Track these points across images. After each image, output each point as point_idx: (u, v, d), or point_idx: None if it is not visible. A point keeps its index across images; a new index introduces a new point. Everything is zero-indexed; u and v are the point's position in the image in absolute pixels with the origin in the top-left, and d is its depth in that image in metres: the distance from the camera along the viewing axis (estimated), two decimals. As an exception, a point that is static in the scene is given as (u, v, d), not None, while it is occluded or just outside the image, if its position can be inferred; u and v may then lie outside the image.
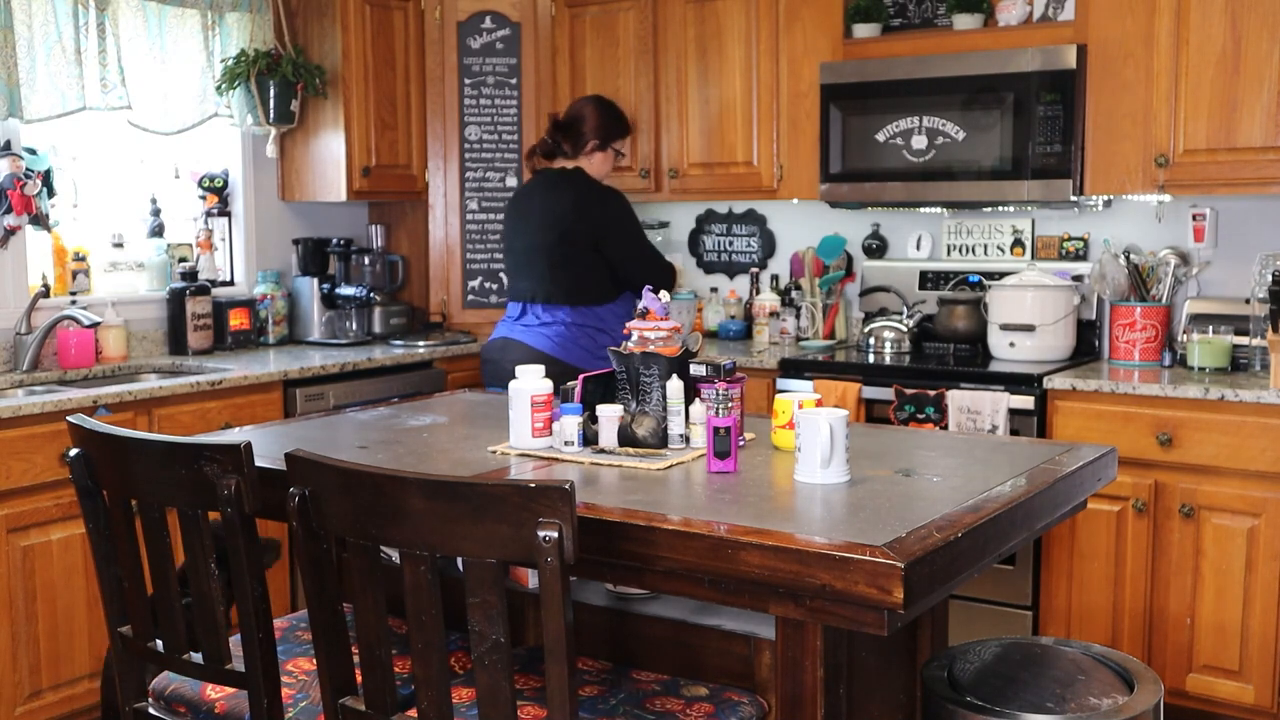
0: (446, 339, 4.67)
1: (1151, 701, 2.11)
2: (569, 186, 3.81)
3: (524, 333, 3.83)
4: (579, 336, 3.78)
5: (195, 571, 2.10)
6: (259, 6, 4.48)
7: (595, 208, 3.79)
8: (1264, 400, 3.26)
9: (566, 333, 3.77)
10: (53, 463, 3.29)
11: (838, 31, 4.22)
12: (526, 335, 3.81)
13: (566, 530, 1.64)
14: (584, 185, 3.81)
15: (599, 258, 3.78)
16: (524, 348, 3.75)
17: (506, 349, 3.80)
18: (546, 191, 3.84)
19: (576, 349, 3.78)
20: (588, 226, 3.75)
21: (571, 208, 3.77)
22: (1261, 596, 3.31)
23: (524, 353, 3.70)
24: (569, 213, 3.77)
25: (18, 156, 3.87)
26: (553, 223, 3.77)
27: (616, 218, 3.81)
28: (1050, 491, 2.17)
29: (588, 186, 3.81)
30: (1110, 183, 3.77)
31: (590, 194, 3.80)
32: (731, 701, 2.07)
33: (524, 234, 3.85)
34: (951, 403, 3.65)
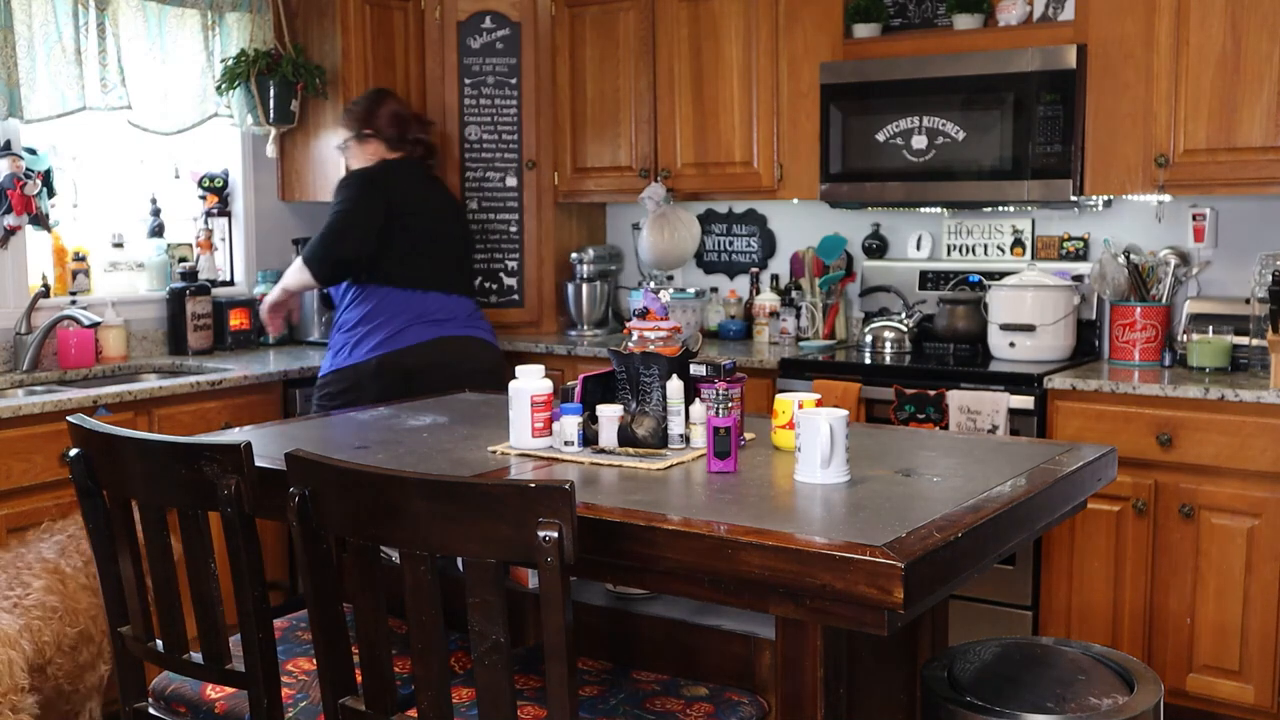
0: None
1: (1151, 701, 2.11)
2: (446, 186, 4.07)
3: (480, 329, 3.78)
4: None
5: (195, 571, 2.10)
6: (259, 6, 4.48)
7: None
8: (1264, 400, 3.26)
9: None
10: (53, 463, 3.29)
11: (838, 31, 4.22)
12: (484, 333, 3.79)
13: (566, 530, 1.64)
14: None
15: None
16: (487, 348, 3.74)
17: (468, 350, 3.73)
18: (435, 184, 4.00)
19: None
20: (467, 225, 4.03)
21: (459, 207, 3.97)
22: (1261, 596, 3.31)
23: (491, 355, 3.70)
24: (461, 211, 3.98)
25: (18, 156, 3.87)
26: (455, 216, 3.94)
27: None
28: (1050, 491, 2.17)
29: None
30: (1110, 183, 3.77)
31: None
32: (731, 701, 2.07)
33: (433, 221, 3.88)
34: (951, 403, 3.65)
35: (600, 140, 4.78)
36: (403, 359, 3.67)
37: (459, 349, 3.72)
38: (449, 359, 3.67)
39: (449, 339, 3.73)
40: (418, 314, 3.73)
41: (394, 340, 3.70)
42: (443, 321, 3.75)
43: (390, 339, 3.69)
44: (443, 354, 3.70)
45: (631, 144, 4.71)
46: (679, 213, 4.63)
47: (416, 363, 3.67)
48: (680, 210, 4.65)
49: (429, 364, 3.66)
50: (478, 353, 3.76)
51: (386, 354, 3.67)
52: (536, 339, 4.75)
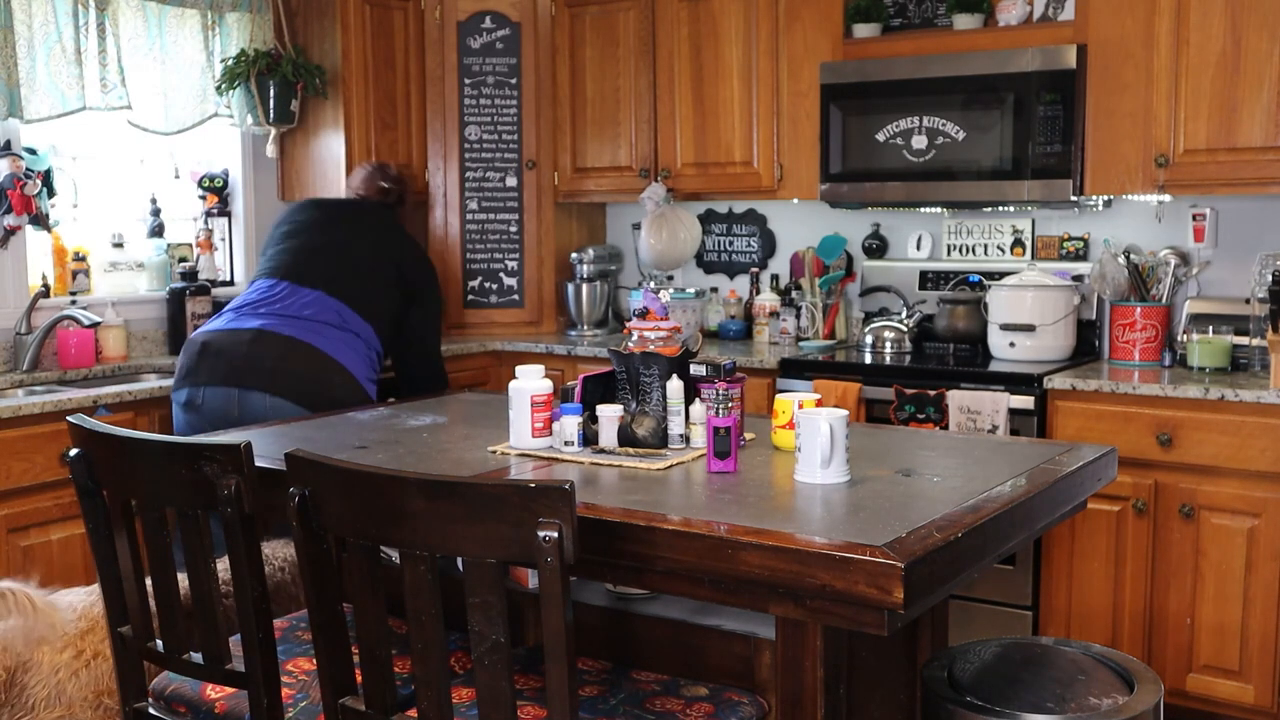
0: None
1: (1151, 701, 2.11)
2: (402, 231, 3.94)
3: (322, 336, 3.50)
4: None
5: (195, 571, 2.10)
6: (259, 6, 4.48)
7: (424, 263, 3.95)
8: (1264, 400, 3.26)
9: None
10: (53, 463, 3.29)
11: (838, 31, 4.22)
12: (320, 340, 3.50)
13: (566, 530, 1.64)
14: (411, 238, 3.96)
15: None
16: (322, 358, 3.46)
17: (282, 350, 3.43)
18: (376, 218, 3.92)
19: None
20: (416, 274, 3.87)
21: (411, 253, 3.89)
22: (1261, 596, 3.31)
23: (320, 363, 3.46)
24: (407, 256, 3.86)
25: (18, 156, 3.87)
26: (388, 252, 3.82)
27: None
28: (1050, 491, 2.17)
29: (414, 241, 3.97)
30: (1110, 183, 3.77)
31: (418, 247, 3.97)
32: (731, 701, 2.07)
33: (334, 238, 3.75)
34: (951, 403, 3.65)
35: (600, 140, 4.78)
36: (217, 339, 3.42)
37: (266, 345, 3.38)
38: (250, 350, 3.36)
39: (263, 332, 3.40)
40: (251, 301, 3.53)
41: (212, 321, 3.55)
42: (274, 316, 3.46)
43: (217, 318, 3.55)
44: (243, 343, 3.39)
45: (631, 144, 4.71)
46: (679, 213, 4.63)
47: (214, 345, 3.39)
48: (680, 210, 4.65)
49: (224, 349, 3.38)
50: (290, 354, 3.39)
51: (207, 333, 3.47)
52: (536, 339, 4.75)
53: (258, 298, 3.55)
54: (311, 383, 3.37)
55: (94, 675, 2.45)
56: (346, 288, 3.57)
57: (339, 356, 3.46)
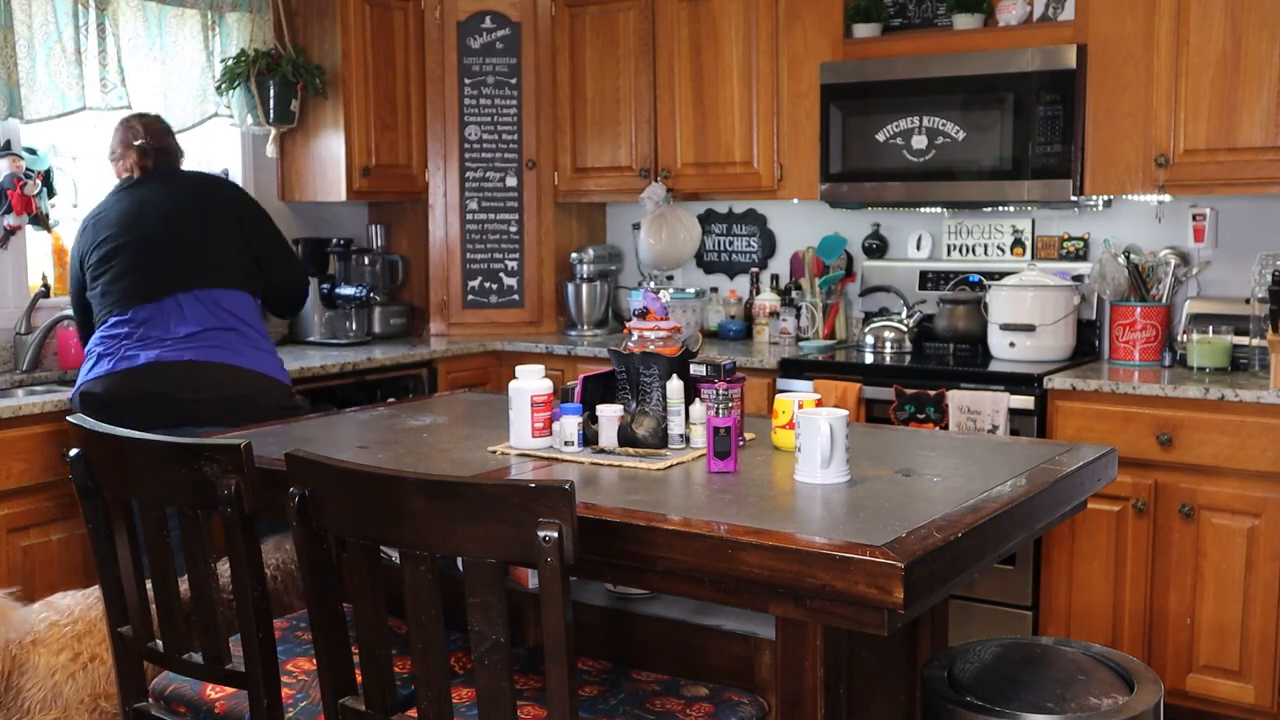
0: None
1: (1151, 701, 2.11)
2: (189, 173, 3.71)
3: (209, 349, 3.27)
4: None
5: (195, 571, 2.10)
6: (259, 6, 4.48)
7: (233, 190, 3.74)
8: (1264, 400, 3.26)
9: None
10: (53, 463, 3.29)
11: (838, 31, 4.22)
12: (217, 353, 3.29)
13: (566, 530, 1.64)
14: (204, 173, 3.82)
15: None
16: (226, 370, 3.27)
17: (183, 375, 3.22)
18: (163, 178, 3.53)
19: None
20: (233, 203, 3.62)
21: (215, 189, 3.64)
22: (1261, 596, 3.31)
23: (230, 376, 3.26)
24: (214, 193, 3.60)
25: (18, 156, 3.87)
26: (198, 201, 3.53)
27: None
28: (1050, 491, 2.17)
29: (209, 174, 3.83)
30: (1110, 183, 3.77)
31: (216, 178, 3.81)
32: (731, 701, 2.07)
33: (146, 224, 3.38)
34: (951, 403, 3.65)
35: (600, 140, 4.79)
36: (101, 387, 3.23)
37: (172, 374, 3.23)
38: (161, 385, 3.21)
39: (158, 365, 3.22)
40: (119, 335, 3.29)
41: (94, 367, 3.28)
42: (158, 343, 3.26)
43: (91, 365, 3.30)
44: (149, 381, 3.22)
45: (631, 144, 4.71)
46: (679, 213, 4.63)
47: (116, 391, 3.21)
48: (680, 210, 4.65)
49: (129, 395, 3.20)
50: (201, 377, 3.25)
51: (87, 384, 3.26)
52: (536, 339, 4.75)
53: (124, 331, 3.28)
54: (234, 398, 3.23)
55: (91, 678, 2.45)
56: (202, 270, 3.34)
57: (243, 362, 3.31)
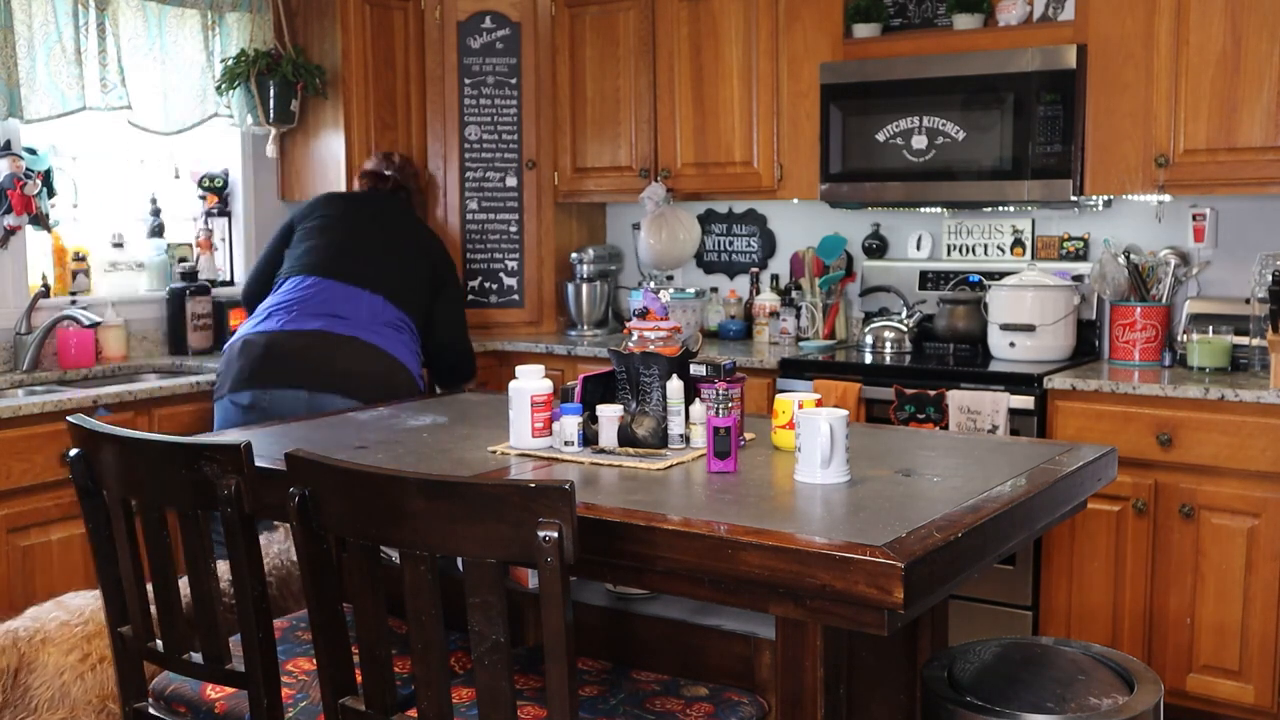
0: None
1: (1151, 701, 2.11)
2: (420, 221, 4.10)
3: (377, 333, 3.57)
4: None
5: (195, 571, 2.10)
6: (259, 6, 4.48)
7: (445, 252, 4.03)
8: (1264, 400, 3.26)
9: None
10: (53, 463, 3.29)
11: (838, 31, 4.22)
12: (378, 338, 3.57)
13: (566, 530, 1.64)
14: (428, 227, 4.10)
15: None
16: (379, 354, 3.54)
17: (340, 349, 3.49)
18: (397, 211, 4.04)
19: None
20: (441, 263, 3.95)
21: (433, 242, 3.99)
22: (1261, 596, 3.31)
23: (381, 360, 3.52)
24: (431, 245, 3.95)
25: (18, 156, 3.87)
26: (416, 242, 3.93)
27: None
28: (1050, 491, 2.17)
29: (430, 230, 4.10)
30: (1110, 183, 3.77)
31: (436, 236, 4.07)
32: (731, 701, 2.07)
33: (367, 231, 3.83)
34: (951, 403, 3.65)
35: (600, 140, 4.79)
36: (263, 340, 3.43)
37: (332, 345, 3.44)
38: (315, 355, 3.40)
39: (325, 335, 3.45)
40: (303, 299, 3.53)
41: (259, 321, 3.53)
42: (329, 316, 3.49)
43: (258, 320, 3.54)
44: (308, 347, 3.42)
45: (631, 144, 4.71)
46: (679, 213, 4.63)
47: (278, 345, 3.42)
48: (680, 210, 4.65)
49: (292, 353, 3.41)
50: (356, 355, 3.47)
51: (251, 334, 3.48)
52: (536, 339, 4.75)
53: (303, 295, 3.56)
54: (380, 383, 3.42)
55: (99, 679, 2.45)
56: (388, 283, 3.63)
57: (399, 355, 3.54)
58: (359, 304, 3.57)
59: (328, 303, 3.55)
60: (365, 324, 3.53)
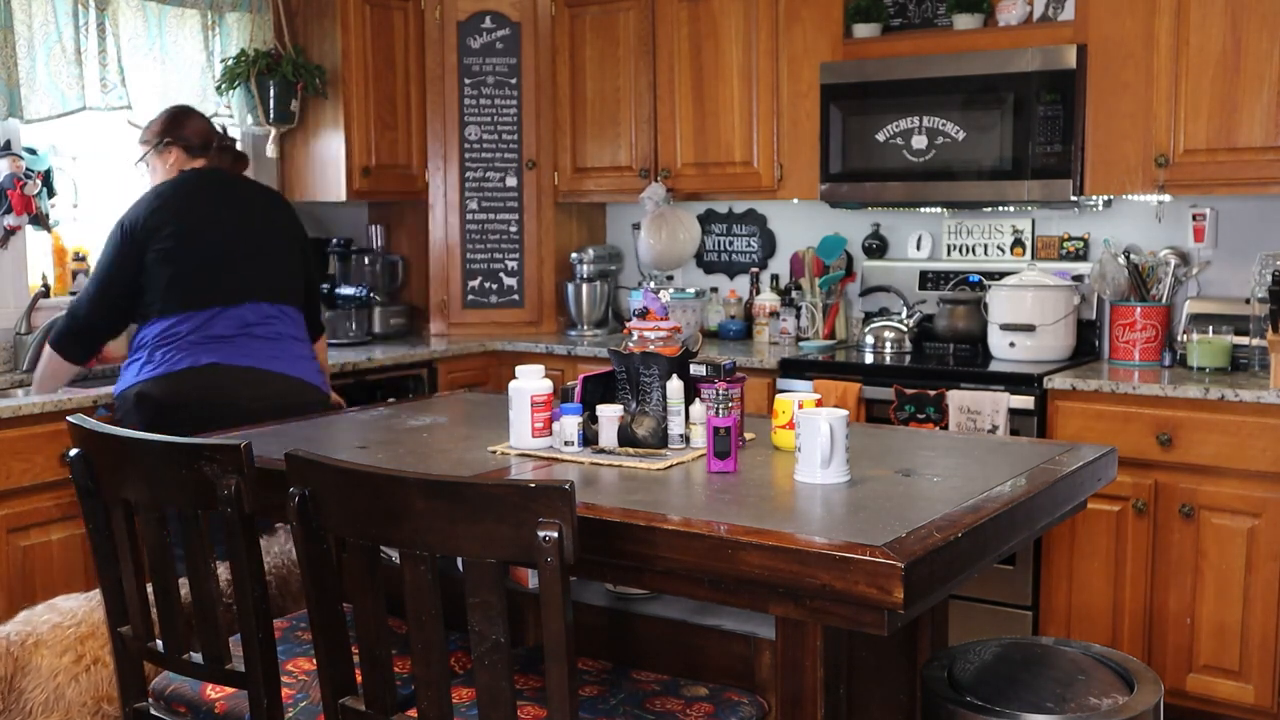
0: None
1: (1151, 701, 2.11)
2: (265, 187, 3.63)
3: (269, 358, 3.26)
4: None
5: (195, 571, 2.10)
6: (259, 6, 4.48)
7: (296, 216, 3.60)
8: (1264, 400, 3.26)
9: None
10: (53, 463, 3.29)
11: (838, 31, 4.22)
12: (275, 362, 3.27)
13: (566, 530, 1.64)
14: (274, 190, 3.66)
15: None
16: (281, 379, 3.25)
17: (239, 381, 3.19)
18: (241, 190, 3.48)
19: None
20: (300, 230, 3.56)
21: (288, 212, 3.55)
22: (1261, 596, 3.31)
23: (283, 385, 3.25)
24: (289, 215, 3.53)
25: (18, 156, 3.87)
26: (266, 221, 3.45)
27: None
28: (1050, 491, 2.17)
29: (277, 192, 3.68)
30: (1110, 183, 3.77)
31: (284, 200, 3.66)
32: (731, 701, 2.07)
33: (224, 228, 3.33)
34: (951, 403, 3.65)
35: (600, 140, 4.79)
36: (157, 389, 3.17)
37: (230, 380, 3.21)
38: (218, 391, 3.18)
39: (217, 368, 3.20)
40: (187, 335, 3.23)
41: (152, 367, 3.21)
42: (220, 342, 3.24)
43: (148, 366, 3.22)
44: (208, 384, 3.19)
45: (631, 144, 4.71)
46: (678, 213, 4.63)
47: (175, 393, 3.17)
48: (680, 210, 4.65)
49: (192, 395, 3.17)
50: (256, 386, 3.23)
51: (142, 384, 3.19)
52: (536, 339, 4.75)
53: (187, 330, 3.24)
54: (285, 412, 3.18)
55: (94, 681, 2.45)
56: (277, 286, 3.37)
57: (301, 374, 3.33)
58: (245, 321, 3.28)
59: (212, 330, 3.25)
60: (255, 346, 3.28)
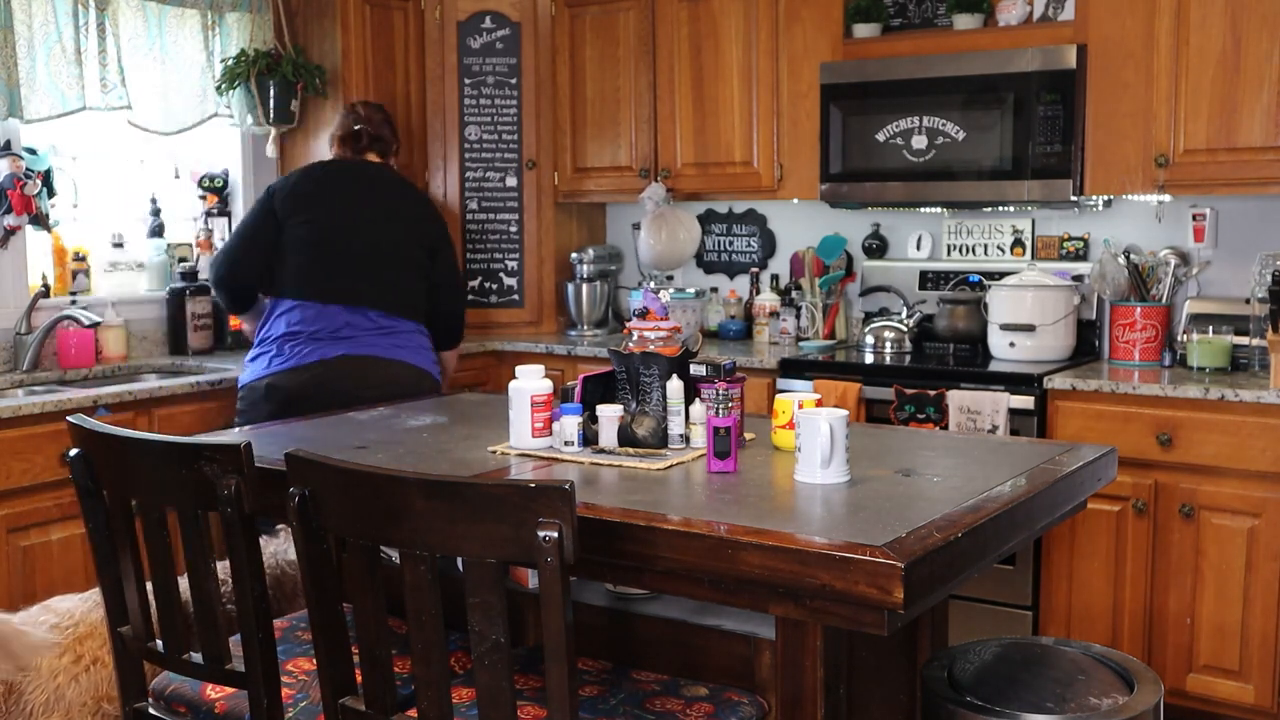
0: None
1: (1151, 701, 2.11)
2: (405, 186, 3.77)
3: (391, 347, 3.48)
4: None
5: (195, 571, 2.10)
6: (259, 6, 4.48)
7: (436, 216, 3.77)
8: (1264, 400, 3.26)
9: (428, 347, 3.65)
10: (53, 463, 3.29)
11: (838, 31, 4.22)
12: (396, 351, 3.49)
13: (566, 530, 1.64)
14: (415, 189, 3.77)
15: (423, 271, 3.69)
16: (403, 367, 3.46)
17: (366, 370, 3.42)
18: (384, 185, 3.69)
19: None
20: (433, 232, 3.72)
21: (423, 211, 3.72)
22: (1261, 596, 3.31)
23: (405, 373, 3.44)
24: (422, 216, 3.70)
25: (18, 156, 3.87)
26: (392, 219, 3.64)
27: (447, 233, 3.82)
28: (1050, 491, 2.17)
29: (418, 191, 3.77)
30: (1110, 183, 3.77)
31: (426, 199, 3.77)
32: (731, 701, 2.07)
33: (358, 228, 3.59)
34: (951, 403, 3.65)
35: (600, 140, 4.79)
36: (288, 380, 3.41)
37: (357, 369, 3.43)
38: (345, 380, 3.38)
39: (347, 358, 3.44)
40: (313, 331, 3.47)
41: (282, 360, 3.45)
42: (343, 339, 3.46)
43: (278, 358, 3.45)
44: (336, 375, 3.40)
45: (631, 144, 4.71)
46: (678, 213, 4.63)
47: (304, 384, 3.39)
48: (680, 210, 4.65)
49: (319, 386, 3.38)
50: (381, 372, 3.45)
51: (273, 375, 3.43)
52: (536, 339, 4.75)
53: (313, 325, 3.47)
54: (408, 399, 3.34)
55: (93, 681, 2.45)
56: (387, 297, 3.56)
57: (420, 363, 3.54)
58: (361, 320, 3.51)
59: (331, 325, 3.48)
60: (372, 338, 3.50)
